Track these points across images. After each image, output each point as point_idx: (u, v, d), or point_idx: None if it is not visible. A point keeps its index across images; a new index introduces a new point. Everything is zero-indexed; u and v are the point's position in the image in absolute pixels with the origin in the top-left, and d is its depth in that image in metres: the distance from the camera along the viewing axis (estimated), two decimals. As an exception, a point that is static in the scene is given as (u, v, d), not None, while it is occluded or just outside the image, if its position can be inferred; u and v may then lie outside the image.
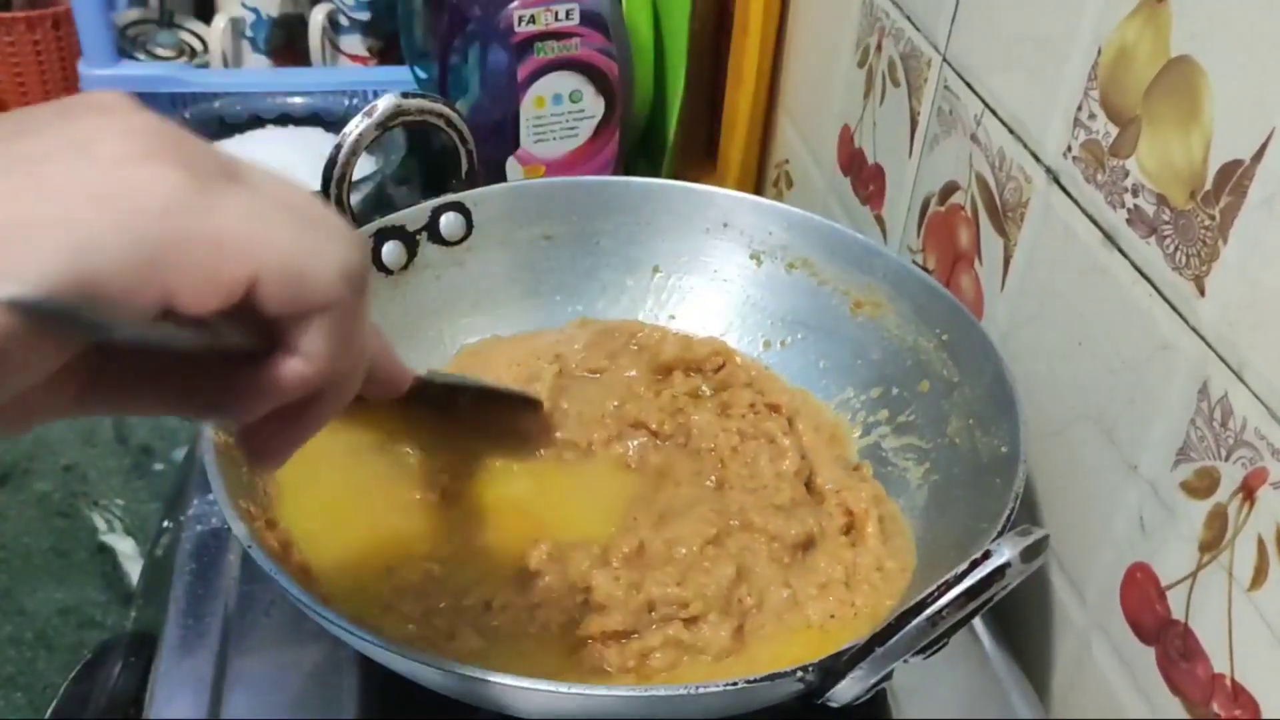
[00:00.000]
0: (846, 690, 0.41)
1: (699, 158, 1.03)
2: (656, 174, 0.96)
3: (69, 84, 1.00)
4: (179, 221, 0.25)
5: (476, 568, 0.53)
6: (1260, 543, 0.42)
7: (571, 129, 0.89)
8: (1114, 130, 0.50)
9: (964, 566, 0.38)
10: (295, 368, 0.29)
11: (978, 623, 0.57)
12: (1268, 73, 0.41)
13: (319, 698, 0.51)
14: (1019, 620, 0.59)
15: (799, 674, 0.40)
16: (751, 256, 0.68)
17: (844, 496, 0.57)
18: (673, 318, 0.69)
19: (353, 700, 0.51)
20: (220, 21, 1.04)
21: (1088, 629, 0.54)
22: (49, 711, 0.55)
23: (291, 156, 0.95)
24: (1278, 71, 0.41)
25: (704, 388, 0.64)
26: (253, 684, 0.52)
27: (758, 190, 0.99)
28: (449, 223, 0.66)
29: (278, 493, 0.53)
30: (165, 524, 0.67)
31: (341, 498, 0.55)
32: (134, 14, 1.08)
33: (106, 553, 0.85)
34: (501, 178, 0.88)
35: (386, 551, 0.53)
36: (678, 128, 0.94)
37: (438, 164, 1.00)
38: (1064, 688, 0.56)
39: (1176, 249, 0.46)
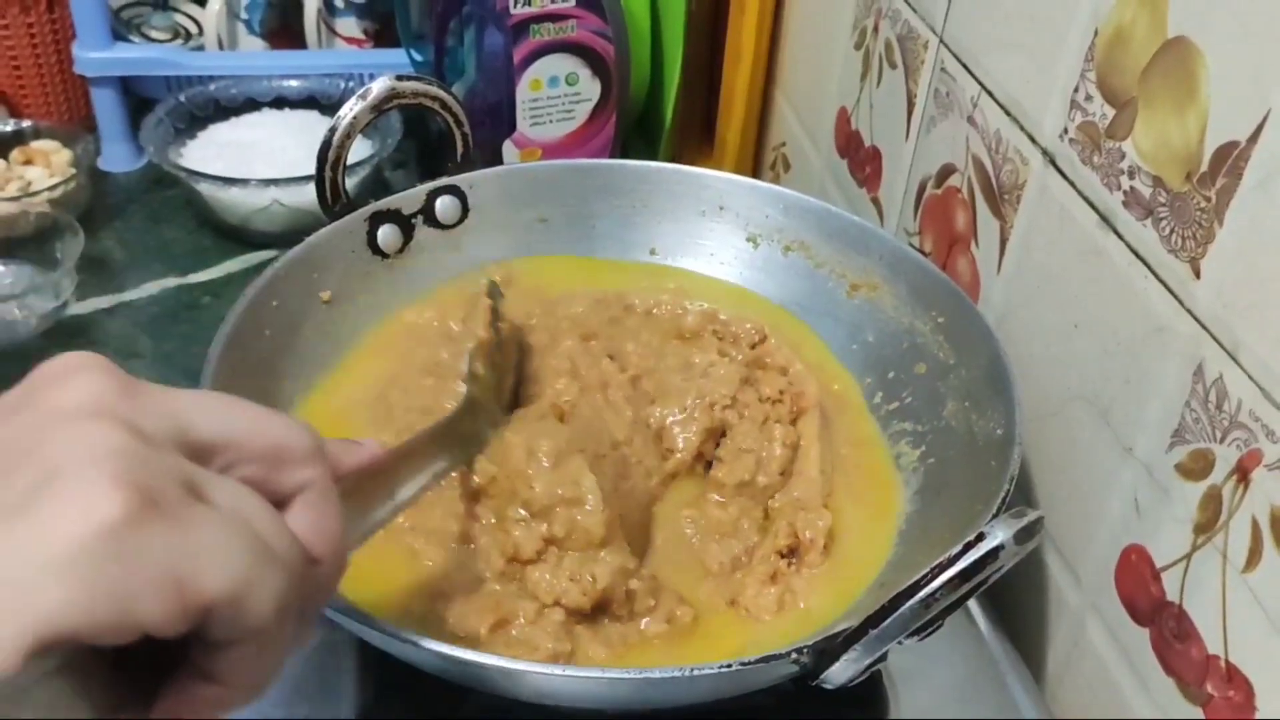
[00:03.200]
0: (841, 672, 0.41)
1: (696, 140, 1.03)
2: (654, 157, 0.96)
3: (64, 67, 1.00)
4: (139, 563, 0.26)
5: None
6: (1254, 524, 0.42)
7: (568, 112, 0.89)
8: (1110, 112, 0.50)
9: (958, 548, 0.38)
10: (208, 694, 0.29)
11: (973, 604, 0.57)
12: (1264, 54, 0.41)
13: (317, 680, 0.52)
14: (1014, 602, 0.59)
15: (793, 655, 0.41)
16: (748, 239, 0.68)
17: (798, 520, 0.54)
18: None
19: (350, 684, 0.51)
20: (215, 4, 1.03)
21: (1083, 610, 0.54)
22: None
23: (287, 139, 0.94)
24: (1274, 52, 0.41)
25: (734, 353, 0.62)
26: (250, 667, 0.52)
27: (755, 173, 0.99)
28: (445, 206, 0.66)
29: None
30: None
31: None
32: (128, -4, 1.07)
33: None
34: (498, 161, 0.88)
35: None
36: (675, 110, 0.93)
37: (434, 147, 1.00)
38: (1059, 669, 0.56)
39: (1172, 231, 0.46)
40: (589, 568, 0.48)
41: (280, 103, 1.00)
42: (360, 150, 0.92)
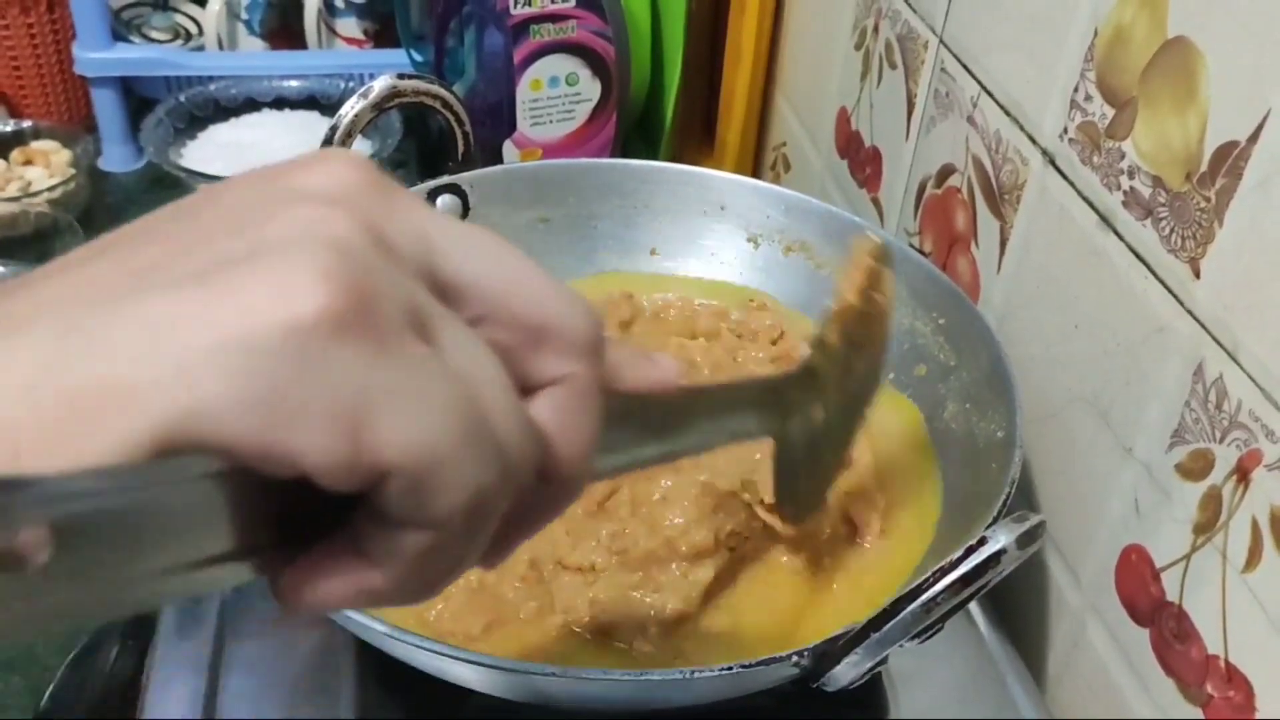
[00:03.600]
0: (842, 674, 0.41)
1: (697, 141, 1.03)
2: (654, 157, 0.96)
3: (64, 68, 1.00)
4: (312, 385, 0.20)
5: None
6: (1254, 524, 0.42)
7: (568, 112, 0.89)
8: (1110, 112, 0.50)
9: (960, 553, 0.38)
10: (359, 576, 0.23)
11: (974, 606, 0.57)
12: (1264, 54, 0.41)
13: (315, 681, 0.51)
14: (1015, 603, 0.59)
15: (794, 658, 0.40)
16: (749, 239, 0.68)
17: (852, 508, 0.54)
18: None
19: (350, 684, 0.51)
20: (215, 4, 1.03)
21: (1083, 611, 0.54)
22: (45, 695, 0.55)
23: (287, 140, 0.95)
24: (1274, 52, 0.41)
25: (757, 352, 0.62)
26: (249, 667, 0.52)
27: (755, 173, 0.99)
28: (445, 205, 0.66)
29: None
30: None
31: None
32: (129, -4, 1.07)
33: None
34: (498, 161, 0.88)
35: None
36: (675, 110, 0.93)
37: (434, 147, 1.00)
38: (1059, 670, 0.56)
39: (1172, 231, 0.46)
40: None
41: (280, 103, 1.00)
42: (361, 150, 0.92)
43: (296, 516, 0.23)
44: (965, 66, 0.63)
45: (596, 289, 0.67)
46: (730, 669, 0.40)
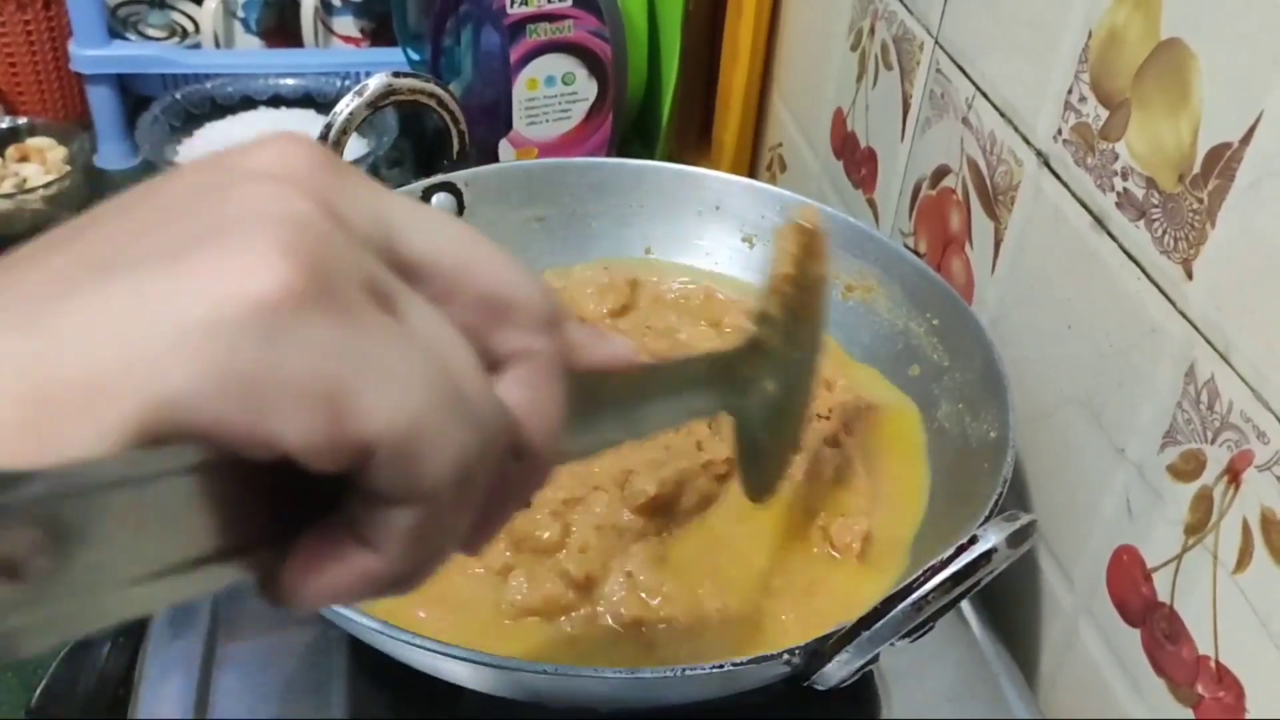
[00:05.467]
0: (833, 673, 0.41)
1: (694, 141, 1.03)
2: (651, 157, 0.96)
3: (60, 65, 1.00)
4: (285, 360, 0.20)
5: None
6: (1245, 525, 0.42)
7: (564, 111, 0.89)
8: (1104, 113, 0.50)
9: (950, 551, 0.38)
10: (356, 559, 0.23)
11: (966, 606, 0.57)
12: (1257, 55, 0.41)
13: (308, 680, 0.51)
14: (1007, 603, 0.59)
15: (785, 656, 0.41)
16: (744, 239, 0.68)
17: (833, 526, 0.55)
18: (664, 300, 0.69)
19: (342, 682, 0.51)
20: (212, 2, 1.03)
21: (1075, 611, 0.54)
22: (37, 692, 0.55)
23: (283, 138, 0.94)
24: (1267, 54, 0.41)
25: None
26: (242, 665, 0.52)
27: (751, 173, 0.99)
28: (440, 203, 0.66)
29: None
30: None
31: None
32: (125, -6, 1.07)
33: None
34: (494, 160, 0.88)
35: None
36: (672, 111, 0.93)
37: (430, 146, 1.00)
38: (1052, 670, 0.56)
39: (1165, 232, 0.46)
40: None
41: (277, 101, 1.00)
42: (356, 148, 0.92)
43: (286, 512, 0.23)
44: (960, 68, 0.63)
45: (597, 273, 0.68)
46: (721, 667, 0.40)
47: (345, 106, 0.60)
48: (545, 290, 0.26)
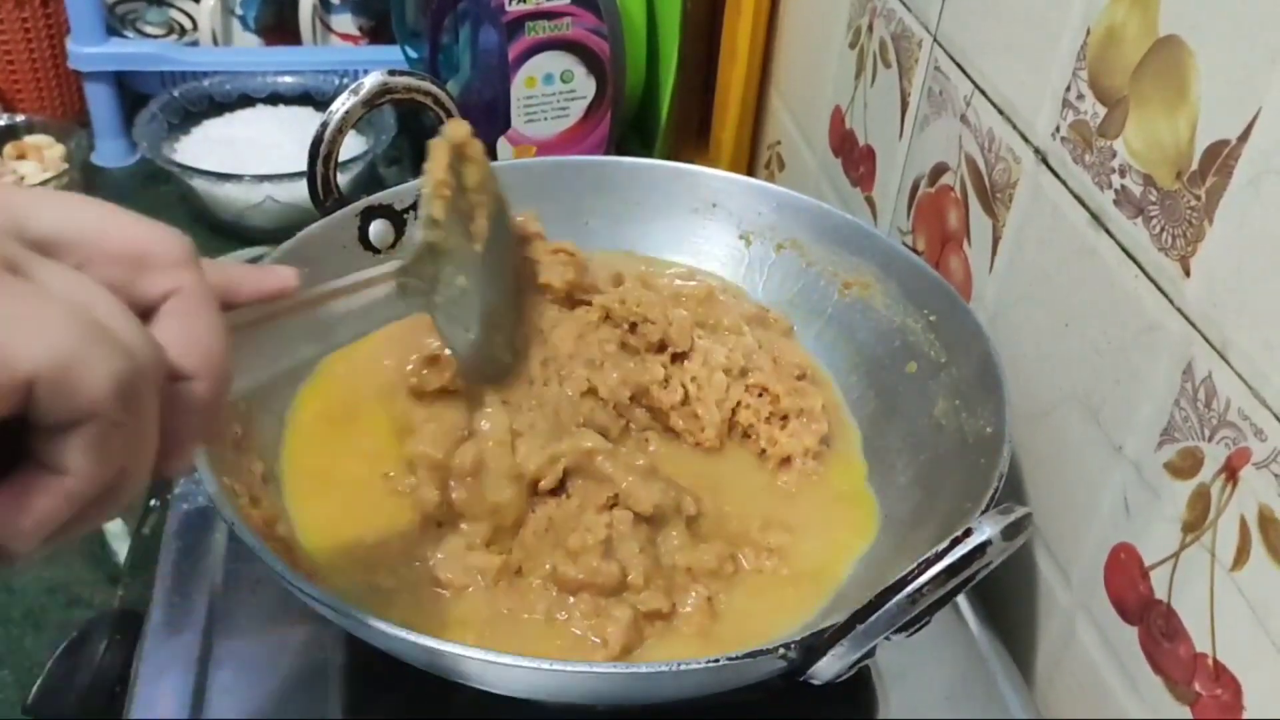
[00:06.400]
0: (828, 667, 0.41)
1: (693, 139, 1.03)
2: (650, 155, 0.96)
3: (58, 62, 1.00)
4: None
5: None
6: (1242, 523, 0.42)
7: (563, 109, 0.89)
8: (1102, 111, 0.50)
9: (945, 544, 0.38)
10: (54, 484, 0.26)
11: (964, 603, 0.57)
12: (1255, 52, 0.41)
13: (305, 675, 0.51)
14: (1005, 600, 0.59)
15: (780, 651, 0.40)
16: (740, 237, 0.68)
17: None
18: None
19: (339, 677, 0.51)
20: (210, 0, 1.03)
21: (1072, 609, 0.54)
22: (34, 689, 0.55)
23: (281, 136, 0.94)
24: (1265, 51, 0.41)
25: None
26: (238, 662, 0.52)
27: (750, 171, 0.99)
28: (437, 202, 0.66)
29: (265, 473, 0.53)
30: (152, 503, 0.66)
31: (329, 469, 0.55)
32: (124, -8, 1.07)
33: (94, 531, 0.85)
34: (492, 158, 0.88)
35: (372, 522, 0.53)
36: (670, 108, 0.93)
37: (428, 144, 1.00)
38: (1049, 667, 0.56)
39: (1163, 229, 0.46)
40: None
41: (275, 99, 1.00)
42: (354, 146, 0.92)
43: None
44: (959, 65, 0.63)
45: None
46: (717, 661, 0.40)
47: (341, 105, 0.60)
48: (177, 236, 0.30)
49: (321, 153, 0.61)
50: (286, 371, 0.37)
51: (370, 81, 0.61)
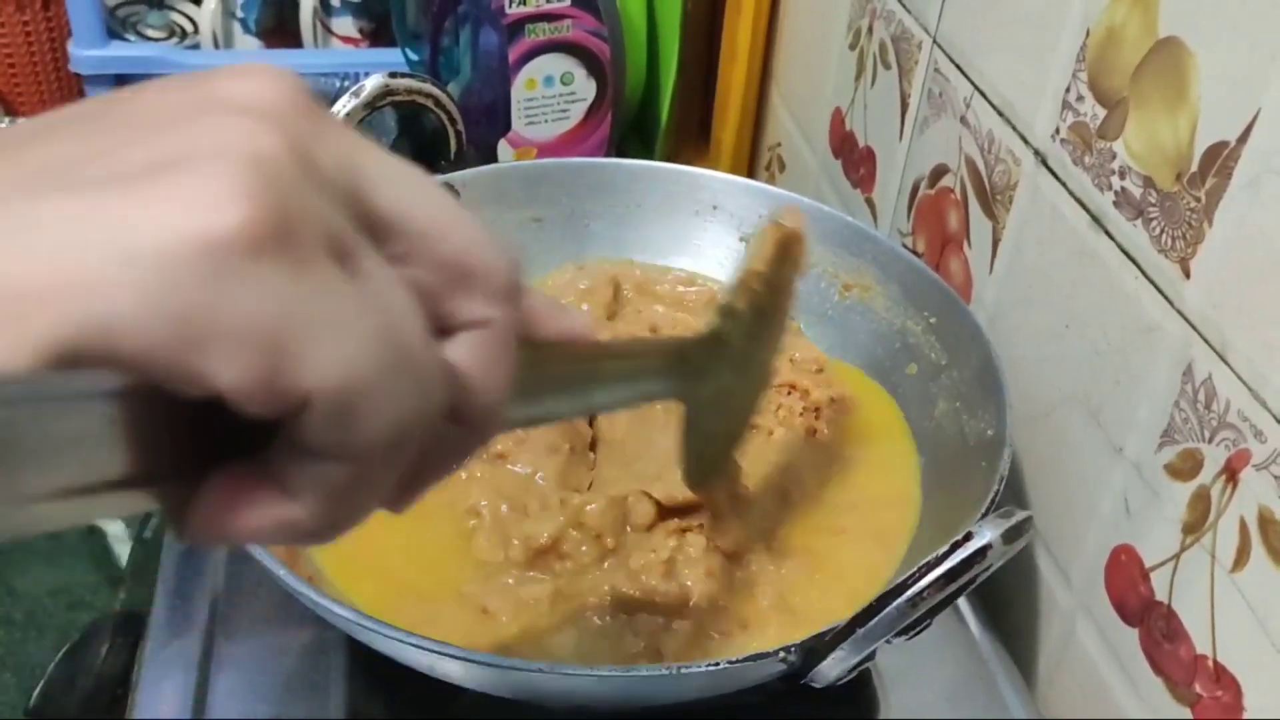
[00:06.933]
0: (829, 670, 0.41)
1: (693, 140, 1.03)
2: (650, 157, 0.96)
3: (59, 65, 1.00)
4: (231, 303, 0.19)
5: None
6: (1242, 524, 0.42)
7: (563, 111, 0.89)
8: (1102, 112, 0.50)
9: (945, 548, 0.38)
10: (270, 507, 0.22)
11: (964, 605, 0.57)
12: (1254, 53, 0.41)
13: (307, 678, 0.51)
14: (1005, 602, 0.59)
15: (781, 654, 0.41)
16: (741, 239, 0.68)
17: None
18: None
19: (340, 680, 0.51)
20: (211, 2, 1.03)
21: (1073, 611, 0.54)
22: (36, 692, 0.55)
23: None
24: (1265, 52, 0.41)
25: None
26: (240, 664, 0.52)
27: (750, 173, 0.99)
28: (437, 204, 0.66)
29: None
30: (154, 505, 0.67)
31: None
32: (124, -5, 1.07)
33: (97, 534, 0.85)
34: (493, 160, 0.88)
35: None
36: (671, 110, 0.93)
37: (430, 146, 1.00)
38: (1050, 669, 0.56)
39: (1163, 231, 0.46)
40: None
41: (276, 101, 1.00)
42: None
43: (204, 446, 0.22)
44: (958, 66, 0.63)
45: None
46: (717, 664, 0.40)
47: (342, 108, 0.60)
48: (510, 260, 0.25)
49: (322, 156, 0.61)
50: (540, 420, 0.32)
51: (371, 84, 0.61)
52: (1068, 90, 0.52)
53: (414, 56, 1.02)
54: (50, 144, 0.21)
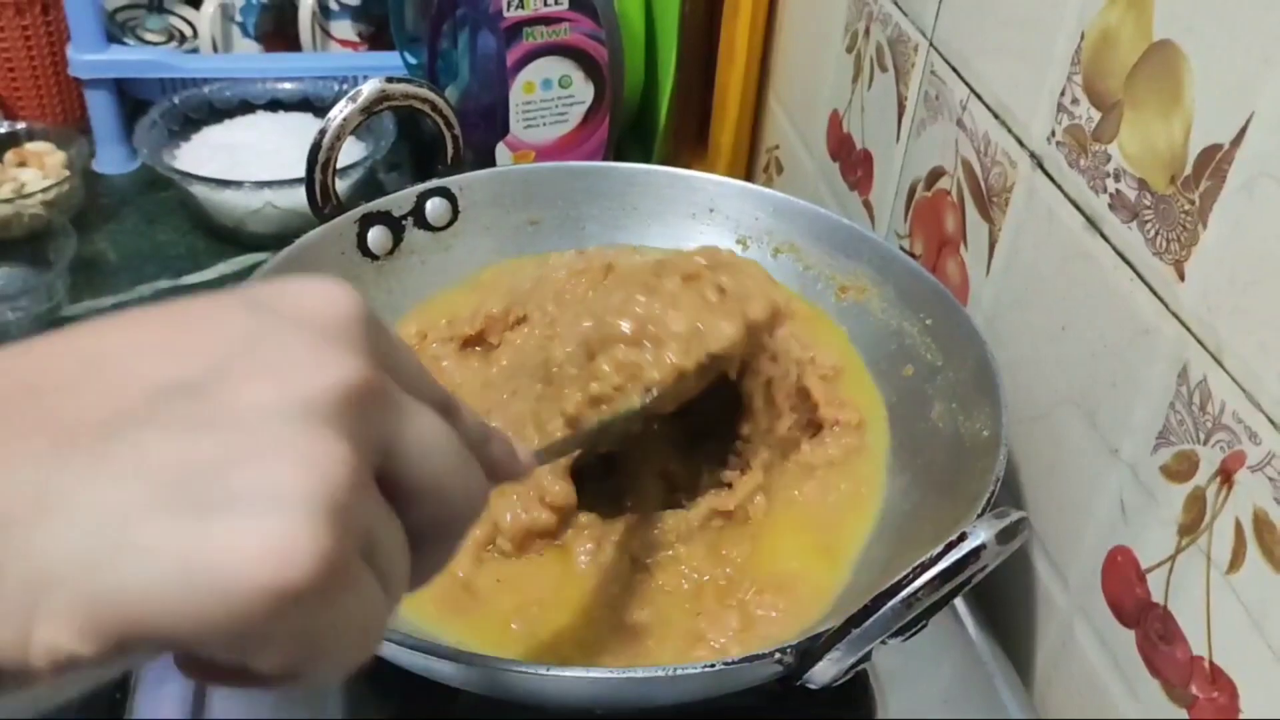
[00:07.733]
0: (824, 671, 0.41)
1: (691, 143, 1.03)
2: (649, 159, 0.96)
3: (58, 69, 1.00)
4: (287, 625, 0.21)
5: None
6: (1238, 526, 0.42)
7: (561, 114, 0.89)
8: (1097, 115, 0.50)
9: (940, 549, 0.38)
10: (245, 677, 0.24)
11: (961, 606, 0.57)
12: (1248, 56, 0.41)
13: (305, 681, 0.52)
14: (1002, 604, 0.59)
15: (776, 655, 0.41)
16: (738, 241, 0.68)
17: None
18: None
19: (338, 685, 0.51)
20: (210, 6, 1.03)
21: (1070, 612, 0.54)
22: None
23: (280, 142, 0.94)
24: (1258, 55, 0.41)
25: None
26: (238, 667, 0.52)
27: (748, 176, 0.99)
28: (435, 208, 0.66)
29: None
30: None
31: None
32: (124, -1, 1.07)
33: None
34: (491, 164, 0.88)
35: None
36: (669, 113, 0.94)
37: (428, 150, 1.00)
38: (1047, 671, 0.56)
39: (1157, 233, 0.46)
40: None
41: (274, 105, 1.00)
42: (354, 153, 0.92)
43: None
44: (955, 69, 0.63)
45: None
46: (713, 666, 0.40)
47: (339, 112, 0.60)
48: (486, 490, 0.29)
49: (319, 160, 0.61)
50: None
51: (368, 89, 0.61)
52: (1063, 93, 0.53)
53: (412, 60, 1.02)
54: (110, 385, 0.23)
